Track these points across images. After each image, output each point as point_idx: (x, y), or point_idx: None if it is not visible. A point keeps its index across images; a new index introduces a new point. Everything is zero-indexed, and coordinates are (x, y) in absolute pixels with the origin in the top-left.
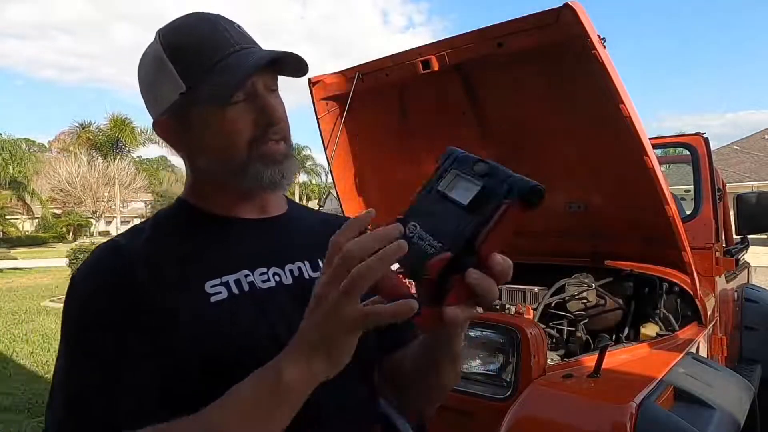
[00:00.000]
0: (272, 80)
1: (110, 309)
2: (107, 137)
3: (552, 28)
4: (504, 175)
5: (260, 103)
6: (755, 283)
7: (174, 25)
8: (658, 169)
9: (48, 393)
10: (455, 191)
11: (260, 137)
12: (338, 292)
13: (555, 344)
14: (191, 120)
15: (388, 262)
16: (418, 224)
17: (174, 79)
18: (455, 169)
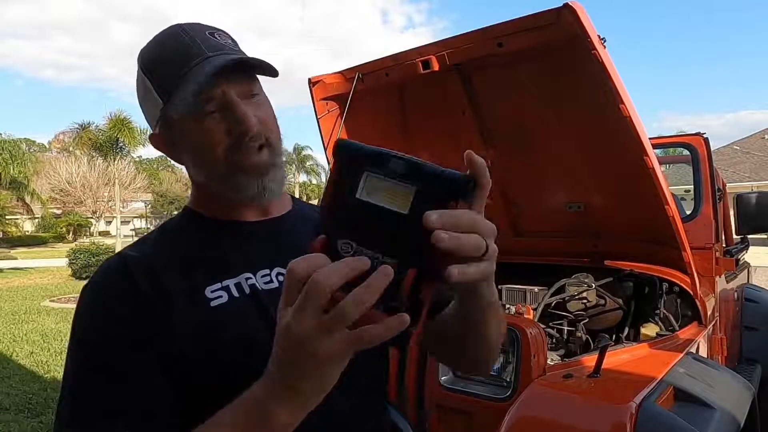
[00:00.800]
0: (247, 85)
1: (114, 319)
2: (107, 137)
3: (552, 28)
4: (430, 172)
5: (232, 111)
6: (755, 283)
7: (149, 43)
8: (658, 169)
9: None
10: (383, 198)
11: (236, 146)
12: (320, 331)
13: (555, 344)
14: (174, 133)
15: (377, 293)
16: (353, 242)
17: (153, 95)
18: (368, 172)
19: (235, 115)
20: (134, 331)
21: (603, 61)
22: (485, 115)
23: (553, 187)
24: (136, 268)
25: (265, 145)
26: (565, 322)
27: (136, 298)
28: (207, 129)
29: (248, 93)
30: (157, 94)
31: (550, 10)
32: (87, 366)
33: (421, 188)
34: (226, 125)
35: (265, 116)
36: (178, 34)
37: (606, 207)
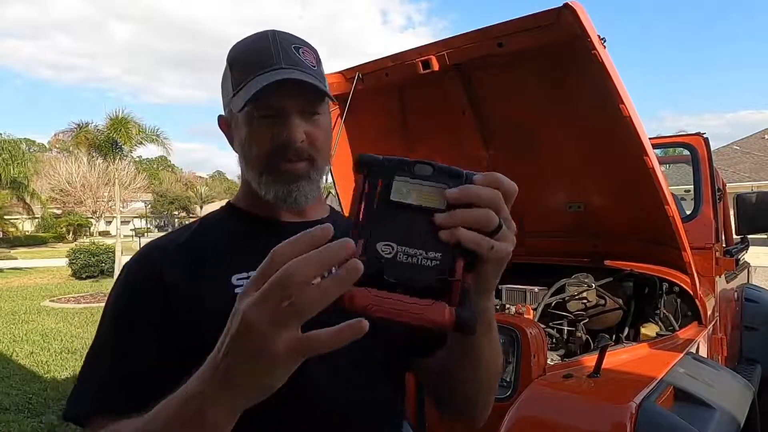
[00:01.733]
0: (309, 104)
1: (141, 300)
2: (106, 137)
3: (552, 28)
4: (454, 172)
5: (283, 122)
6: (755, 283)
7: (242, 39)
8: (658, 169)
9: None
10: (418, 198)
11: (277, 154)
12: (272, 324)
13: (555, 344)
14: (234, 123)
15: (344, 286)
16: (393, 242)
17: (228, 85)
18: (397, 177)
19: (284, 126)
20: (155, 314)
21: (603, 61)
22: (485, 115)
23: (553, 187)
24: (173, 254)
25: (306, 160)
26: (565, 322)
27: (163, 284)
28: (256, 130)
29: (308, 110)
30: (231, 85)
31: (550, 10)
32: (106, 340)
33: (451, 185)
34: (273, 132)
35: (317, 136)
36: (266, 39)
37: (606, 207)
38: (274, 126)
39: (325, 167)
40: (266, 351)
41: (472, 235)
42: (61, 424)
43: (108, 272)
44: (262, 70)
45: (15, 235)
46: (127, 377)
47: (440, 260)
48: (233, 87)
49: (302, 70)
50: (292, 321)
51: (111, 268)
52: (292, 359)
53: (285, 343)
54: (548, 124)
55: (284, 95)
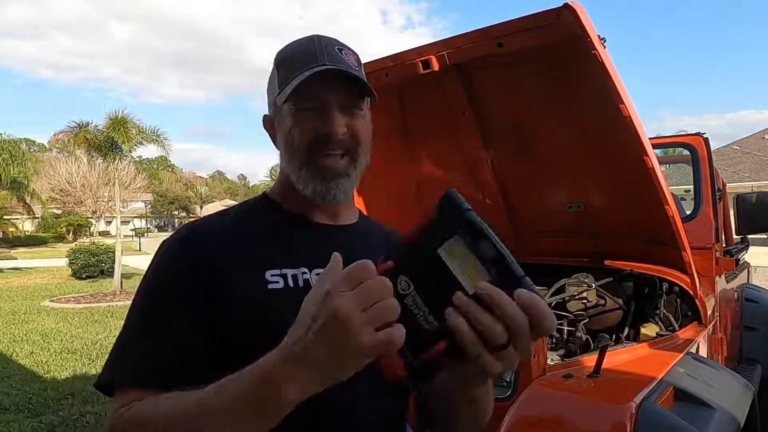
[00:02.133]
0: (351, 100)
1: (178, 280)
2: (105, 137)
3: (552, 28)
4: (513, 277)
5: (325, 113)
6: (755, 283)
7: (288, 44)
8: (658, 169)
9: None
10: (458, 267)
11: (318, 146)
12: (363, 321)
13: (555, 344)
14: (276, 118)
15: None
16: (412, 285)
17: (274, 85)
18: (460, 236)
19: (327, 118)
20: (190, 293)
21: (603, 61)
22: (485, 115)
23: (553, 187)
24: (213, 236)
25: (346, 155)
26: (565, 322)
27: (201, 264)
28: (298, 122)
29: (350, 106)
30: (277, 84)
31: (550, 10)
32: (141, 315)
33: (495, 282)
34: (315, 124)
35: (358, 130)
36: (311, 41)
37: (606, 207)
38: (316, 118)
39: (364, 164)
40: (354, 342)
41: (469, 334)
42: (61, 424)
43: (108, 272)
44: (308, 66)
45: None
46: (159, 353)
47: (432, 330)
48: (279, 85)
49: (341, 67)
50: (377, 322)
51: (111, 268)
52: (368, 354)
53: (368, 337)
54: (548, 124)
55: (327, 89)
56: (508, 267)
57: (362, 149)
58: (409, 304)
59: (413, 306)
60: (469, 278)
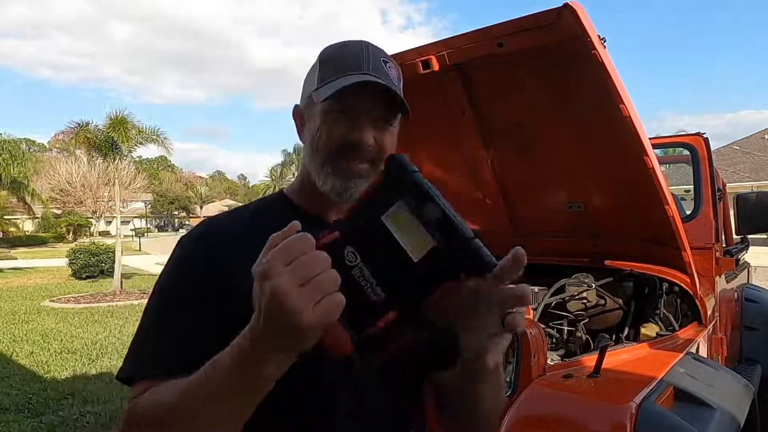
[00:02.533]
0: (384, 113)
1: (196, 275)
2: (105, 137)
3: (552, 28)
4: (460, 237)
5: (357, 122)
6: (755, 283)
7: (336, 43)
8: (658, 169)
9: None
10: (403, 234)
11: (345, 150)
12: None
13: (555, 344)
14: (308, 113)
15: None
16: (359, 256)
17: (314, 79)
18: (403, 201)
19: (358, 127)
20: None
21: (603, 61)
22: (485, 115)
23: (553, 187)
24: (233, 232)
25: (369, 163)
26: (565, 322)
27: (219, 260)
28: (330, 122)
29: (382, 119)
30: (317, 79)
31: (550, 10)
32: (159, 309)
33: (441, 246)
34: (347, 129)
35: (385, 143)
36: (359, 46)
37: (606, 207)
38: (349, 124)
39: None
40: (295, 321)
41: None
42: (61, 424)
43: (108, 272)
44: (352, 71)
45: (15, 235)
46: (174, 350)
47: (380, 301)
48: (318, 81)
49: (382, 80)
50: (315, 296)
51: (111, 268)
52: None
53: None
54: (548, 124)
55: (366, 98)
56: (454, 229)
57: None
58: (356, 276)
59: (360, 278)
60: (414, 246)
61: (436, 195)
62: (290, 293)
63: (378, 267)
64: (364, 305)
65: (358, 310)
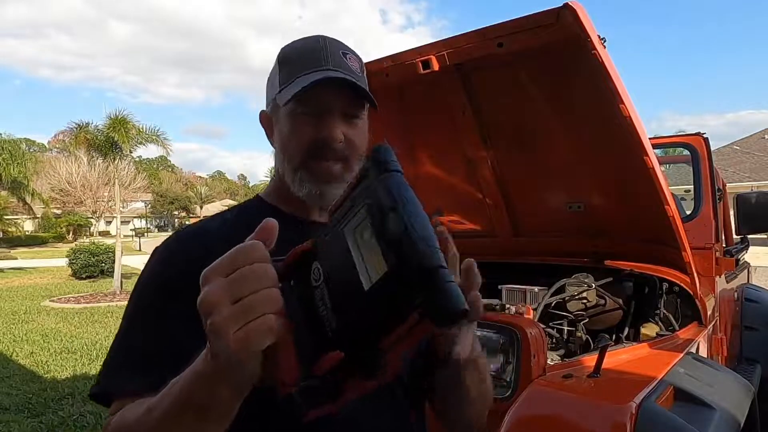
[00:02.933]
0: (351, 107)
1: (173, 278)
2: (105, 137)
3: (552, 28)
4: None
5: (324, 119)
6: (755, 283)
7: (293, 41)
8: (658, 169)
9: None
10: (360, 253)
11: (315, 151)
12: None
13: (555, 344)
14: (276, 118)
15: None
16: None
17: (275, 82)
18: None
19: (325, 124)
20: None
21: (603, 62)
22: (485, 115)
23: (553, 187)
24: (211, 239)
25: (342, 161)
26: (565, 322)
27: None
28: (298, 124)
29: (349, 113)
30: (279, 82)
31: (550, 10)
32: (132, 323)
33: (395, 273)
34: (314, 129)
35: (355, 138)
36: (317, 42)
37: (606, 207)
38: (315, 123)
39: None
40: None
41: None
42: (61, 424)
43: (108, 272)
44: (311, 68)
45: (15, 235)
46: (150, 362)
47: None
48: (280, 83)
49: (344, 74)
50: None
51: (111, 268)
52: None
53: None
54: (548, 124)
55: (329, 95)
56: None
57: (357, 156)
58: (317, 299)
59: (320, 302)
60: (369, 268)
61: (406, 202)
62: (219, 307)
63: (333, 291)
64: (319, 335)
65: (314, 339)
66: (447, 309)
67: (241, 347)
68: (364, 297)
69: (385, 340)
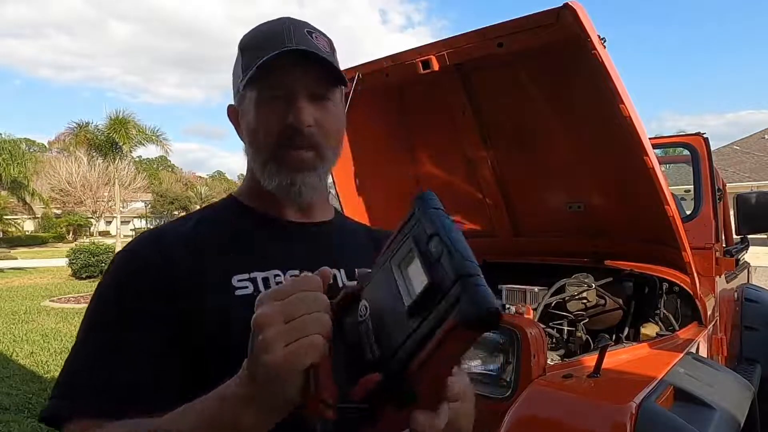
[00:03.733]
0: (321, 88)
1: (134, 291)
2: (106, 137)
3: (552, 28)
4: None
5: (291, 104)
6: (755, 283)
7: (257, 25)
8: (658, 169)
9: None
10: (404, 277)
11: (284, 140)
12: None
13: (555, 344)
14: (242, 108)
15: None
16: (369, 309)
17: (239, 71)
18: (411, 238)
19: (293, 108)
20: (149, 306)
21: (603, 62)
22: (485, 115)
23: (553, 186)
24: (172, 243)
25: (313, 149)
26: (565, 322)
27: (160, 273)
28: (262, 112)
29: (319, 95)
30: (242, 70)
31: (550, 10)
32: (91, 329)
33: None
34: (280, 116)
35: (326, 122)
36: (278, 23)
37: (606, 207)
38: (282, 108)
39: (333, 160)
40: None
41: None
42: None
43: None
44: (271, 49)
45: (15, 235)
46: (115, 377)
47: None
48: (243, 70)
49: (310, 49)
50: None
51: None
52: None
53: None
54: (548, 124)
55: (293, 74)
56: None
57: (331, 144)
58: (362, 332)
59: (364, 334)
60: (410, 288)
61: (448, 229)
62: (272, 324)
63: (381, 319)
64: (360, 364)
65: (355, 368)
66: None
67: (289, 361)
68: (405, 313)
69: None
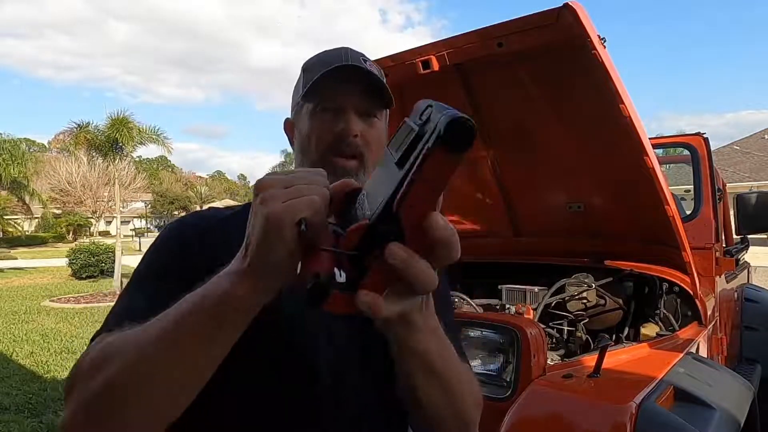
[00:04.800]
0: (369, 106)
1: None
2: (106, 137)
3: (552, 28)
4: (437, 114)
5: (341, 116)
6: (755, 283)
7: (318, 53)
8: (658, 169)
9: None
10: (397, 145)
11: (331, 147)
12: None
13: (555, 344)
14: (297, 119)
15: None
16: (366, 195)
17: (299, 88)
18: (409, 120)
19: (343, 119)
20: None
21: (603, 62)
22: (485, 115)
23: (553, 187)
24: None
25: (357, 158)
26: (565, 322)
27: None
28: (315, 122)
29: (366, 112)
30: (302, 87)
31: (550, 10)
32: (137, 281)
33: (418, 132)
34: (330, 125)
35: (371, 137)
36: (338, 49)
37: (606, 207)
38: (332, 119)
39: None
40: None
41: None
42: None
43: (108, 272)
44: (329, 66)
45: (15, 235)
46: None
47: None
48: (303, 87)
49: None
50: (293, 194)
51: (111, 268)
52: (276, 220)
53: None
54: (548, 124)
55: (346, 91)
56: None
57: (372, 155)
58: (358, 208)
59: (360, 208)
60: (400, 148)
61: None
62: (272, 187)
63: (374, 189)
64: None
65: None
66: (453, 124)
67: (286, 211)
68: (397, 165)
69: (400, 192)
